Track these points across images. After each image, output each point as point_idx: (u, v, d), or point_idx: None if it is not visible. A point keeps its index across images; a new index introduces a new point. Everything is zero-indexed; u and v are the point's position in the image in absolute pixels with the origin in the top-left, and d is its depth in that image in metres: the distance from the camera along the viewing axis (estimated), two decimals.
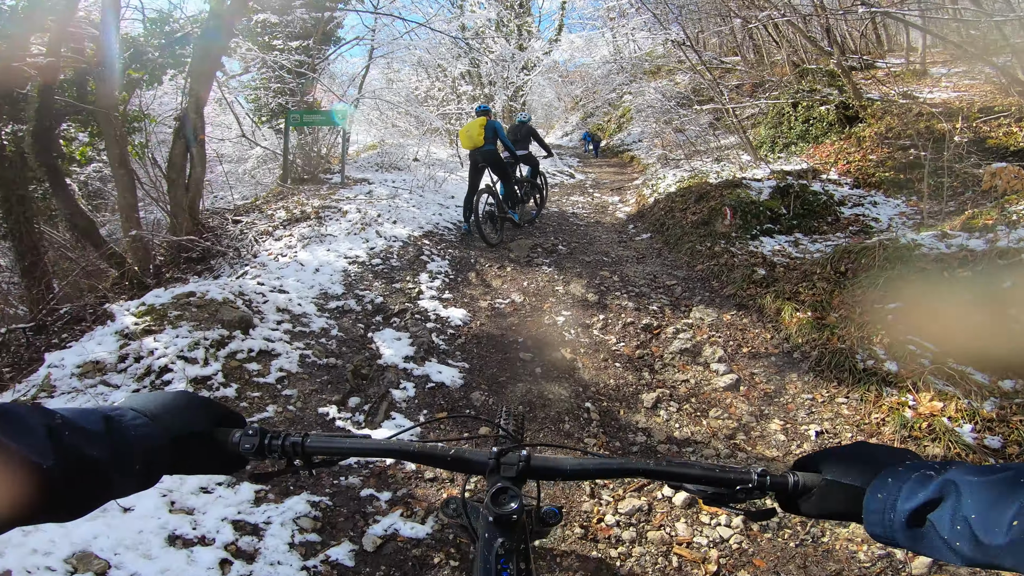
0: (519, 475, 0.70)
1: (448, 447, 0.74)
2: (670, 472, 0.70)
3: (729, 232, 5.85)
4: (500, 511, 0.66)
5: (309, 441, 0.72)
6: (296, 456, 0.72)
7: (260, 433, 0.69)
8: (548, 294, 4.74)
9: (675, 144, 11.50)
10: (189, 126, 5.82)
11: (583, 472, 0.72)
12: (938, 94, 8.14)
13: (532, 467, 0.71)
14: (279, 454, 0.71)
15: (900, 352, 3.38)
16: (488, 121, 6.10)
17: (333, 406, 2.94)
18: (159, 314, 3.11)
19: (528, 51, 14.07)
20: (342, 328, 3.74)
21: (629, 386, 3.38)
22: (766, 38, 11.57)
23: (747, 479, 0.67)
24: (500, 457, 0.71)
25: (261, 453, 0.70)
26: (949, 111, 7.02)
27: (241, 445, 0.68)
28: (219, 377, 2.87)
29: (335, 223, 5.76)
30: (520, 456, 0.71)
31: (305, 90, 9.79)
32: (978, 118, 6.91)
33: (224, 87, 9.70)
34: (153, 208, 7.06)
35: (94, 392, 2.69)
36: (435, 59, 12.11)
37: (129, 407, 0.62)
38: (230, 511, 2.18)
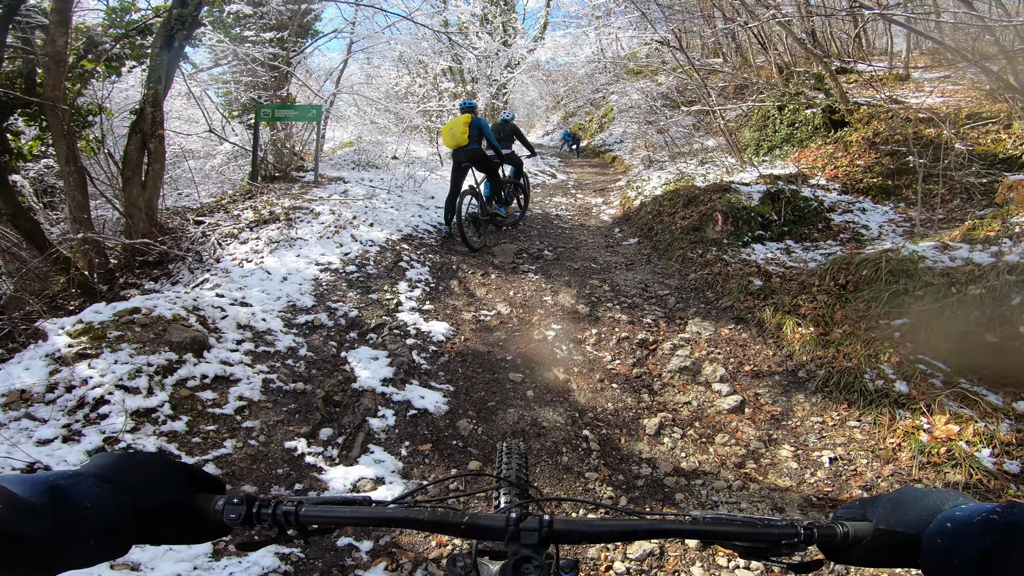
0: (541, 542, 0.65)
1: (461, 513, 0.68)
2: (709, 532, 0.65)
3: (720, 238, 5.66)
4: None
5: (304, 510, 0.65)
6: (289, 526, 0.65)
7: (247, 501, 0.63)
8: (536, 305, 4.45)
9: (658, 145, 11.37)
10: (147, 119, 5.41)
11: (611, 535, 0.68)
12: (924, 99, 8.11)
13: (555, 531, 0.66)
14: (269, 523, 0.64)
15: (910, 372, 3.21)
16: (473, 119, 5.78)
17: (302, 439, 2.60)
18: (97, 334, 2.71)
19: (513, 48, 13.78)
20: (312, 347, 3.38)
21: (629, 410, 3.12)
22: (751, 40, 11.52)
23: (792, 533, 0.63)
24: (519, 523, 0.66)
25: (249, 523, 0.63)
26: (936, 116, 6.96)
27: (225, 515, 0.62)
28: (166, 409, 2.50)
29: (307, 225, 5.35)
30: (543, 522, 0.65)
31: (279, 84, 9.31)
32: (965, 124, 6.88)
33: (192, 80, 9.19)
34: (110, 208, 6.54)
35: (17, 427, 2.30)
36: (416, 55, 11.74)
37: (89, 473, 0.55)
38: (183, 567, 1.86)
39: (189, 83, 8.98)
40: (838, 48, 11.54)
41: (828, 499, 2.48)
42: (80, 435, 2.26)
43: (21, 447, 2.11)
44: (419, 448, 2.68)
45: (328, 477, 2.37)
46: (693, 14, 12.15)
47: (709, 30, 11.31)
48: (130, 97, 9.46)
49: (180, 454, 2.32)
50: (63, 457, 2.14)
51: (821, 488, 2.60)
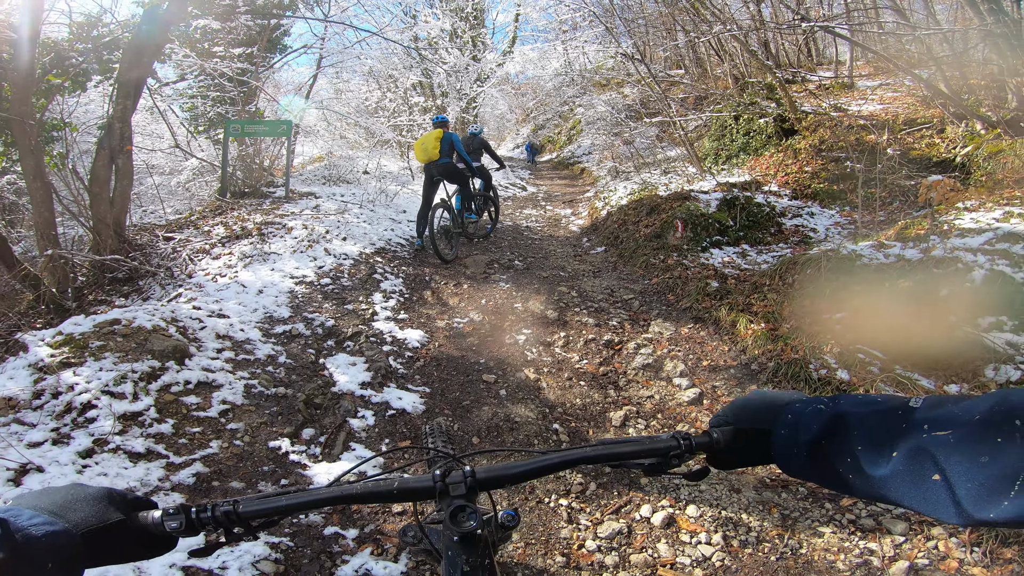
0: (469, 491, 0.70)
1: (392, 480, 0.72)
2: (609, 454, 0.72)
3: (681, 244, 5.96)
4: (461, 529, 0.66)
5: (242, 508, 0.67)
6: (233, 524, 0.67)
7: (183, 510, 0.64)
8: (507, 311, 4.64)
9: (624, 156, 11.75)
10: (115, 135, 5.40)
11: (528, 473, 0.73)
12: (866, 106, 8.60)
13: (479, 480, 0.71)
14: (212, 526, 0.66)
15: (850, 360, 3.49)
16: (445, 133, 5.94)
17: (285, 439, 2.71)
18: (79, 345, 2.78)
19: (482, 63, 14.05)
20: (291, 355, 3.49)
21: (596, 404, 3.32)
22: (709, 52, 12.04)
23: (676, 444, 0.71)
24: (445, 478, 0.71)
25: (192, 529, 0.65)
26: (876, 123, 7.44)
27: (167, 524, 0.63)
28: (152, 412, 2.59)
29: (279, 240, 5.43)
30: (465, 473, 0.71)
31: (247, 99, 9.30)
32: (903, 130, 7.33)
33: (157, 95, 9.10)
34: (75, 224, 6.44)
35: (7, 432, 2.36)
36: (387, 69, 11.85)
37: (24, 507, 0.55)
38: (179, 557, 1.95)
39: (154, 98, 8.91)
40: (788, 59, 12.14)
41: (780, 480, 2.71)
42: (69, 437, 2.34)
43: (13, 449, 2.18)
44: (399, 444, 2.83)
45: (312, 473, 2.50)
46: (655, 27, 12.62)
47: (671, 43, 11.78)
48: (90, 112, 9.28)
49: (168, 454, 2.41)
50: (55, 458, 2.22)
51: (774, 470, 2.83)
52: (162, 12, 5.56)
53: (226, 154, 7.64)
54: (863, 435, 0.55)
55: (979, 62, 7.02)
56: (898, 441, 0.52)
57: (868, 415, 0.56)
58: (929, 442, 0.50)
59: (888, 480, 0.52)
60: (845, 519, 2.32)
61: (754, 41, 9.47)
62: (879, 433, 0.54)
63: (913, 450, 0.51)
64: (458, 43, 13.77)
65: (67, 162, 6.37)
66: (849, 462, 0.55)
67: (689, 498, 2.49)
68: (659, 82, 9.99)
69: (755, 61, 9.47)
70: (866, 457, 0.54)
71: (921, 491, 0.50)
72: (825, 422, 0.59)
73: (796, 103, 8.52)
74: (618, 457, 0.72)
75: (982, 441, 0.47)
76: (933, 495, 0.49)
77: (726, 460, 0.72)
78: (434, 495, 0.71)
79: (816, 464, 0.59)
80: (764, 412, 0.67)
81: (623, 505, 2.47)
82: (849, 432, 0.57)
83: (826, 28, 7.43)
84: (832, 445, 0.58)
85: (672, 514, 2.40)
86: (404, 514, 2.37)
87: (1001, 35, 4.37)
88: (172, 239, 5.67)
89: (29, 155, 4.91)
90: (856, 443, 0.55)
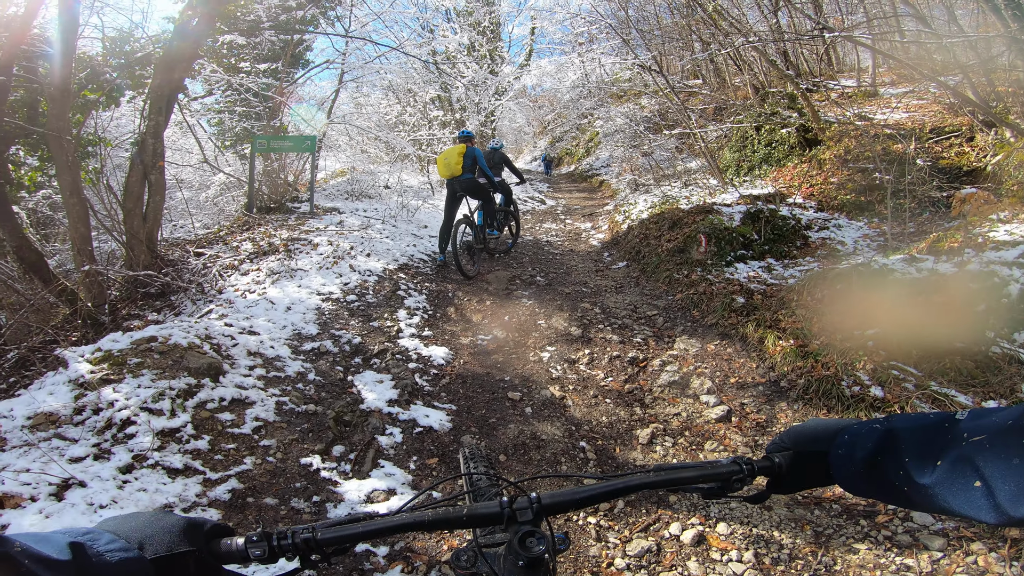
0: (536, 516, 0.72)
1: (460, 508, 0.74)
2: (671, 480, 0.74)
3: (705, 259, 5.90)
4: (531, 555, 0.67)
5: (320, 534, 0.68)
6: (311, 551, 0.68)
7: (265, 537, 0.65)
8: (531, 328, 4.64)
9: (643, 168, 11.71)
10: (148, 151, 5.50)
11: (593, 498, 0.75)
12: (891, 115, 8.43)
13: (545, 505, 0.73)
14: (292, 553, 0.67)
15: (884, 377, 3.41)
16: (468, 148, 5.95)
17: (316, 456, 2.75)
18: (117, 361, 2.86)
19: (500, 76, 14.19)
20: (320, 372, 3.54)
21: (622, 422, 3.29)
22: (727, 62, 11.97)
23: (739, 469, 0.73)
24: (512, 504, 0.73)
25: (272, 557, 0.66)
26: (903, 132, 7.29)
27: (250, 552, 0.64)
28: (189, 429, 2.65)
29: (306, 256, 5.52)
30: (531, 499, 0.73)
31: (272, 114, 9.53)
32: (930, 138, 7.17)
33: (186, 110, 9.35)
34: (108, 239, 6.64)
35: (48, 446, 2.43)
36: (406, 84, 12.04)
37: (105, 530, 0.57)
38: None
39: (184, 113, 9.16)
40: (809, 67, 12.00)
41: (812, 498, 2.65)
42: (110, 453, 2.40)
43: (55, 464, 2.24)
44: (427, 462, 2.84)
45: (343, 490, 2.52)
46: (672, 38, 12.60)
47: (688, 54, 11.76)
48: (123, 127, 9.53)
49: (205, 470, 2.46)
50: (96, 473, 2.28)
51: None
52: (192, 28, 5.64)
53: (252, 169, 7.82)
54: (912, 448, 0.58)
55: (1005, 68, 6.87)
56: (942, 451, 0.55)
57: (917, 429, 0.59)
58: (968, 449, 0.53)
59: (936, 488, 0.54)
60: (881, 535, 2.26)
61: (773, 50, 9.40)
62: (926, 444, 0.57)
63: (955, 458, 0.54)
64: (476, 57, 13.94)
65: (102, 177, 6.52)
66: (901, 475, 0.58)
67: (719, 516, 2.45)
68: (677, 93, 9.97)
69: (775, 70, 9.40)
70: (915, 468, 0.57)
71: (966, 497, 0.52)
72: (878, 438, 0.62)
73: (818, 112, 8.41)
74: (680, 483, 0.74)
75: (1014, 444, 0.49)
76: (977, 500, 0.51)
77: (787, 484, 0.74)
78: (502, 520, 0.73)
79: (872, 479, 0.62)
80: (822, 435, 0.71)
81: (652, 523, 2.44)
82: (900, 446, 0.60)
83: (848, 38, 7.35)
84: (886, 460, 0.61)
85: (702, 532, 2.36)
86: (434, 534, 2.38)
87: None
88: (202, 254, 5.81)
89: (66, 171, 4.96)
90: (905, 455, 0.58)
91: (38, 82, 5.19)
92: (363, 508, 2.45)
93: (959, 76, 6.62)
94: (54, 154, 5.04)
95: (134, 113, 8.64)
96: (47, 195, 8.10)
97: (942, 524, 2.26)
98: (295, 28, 9.34)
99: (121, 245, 5.92)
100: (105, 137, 6.98)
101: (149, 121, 5.58)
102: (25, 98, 5.60)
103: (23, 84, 5.34)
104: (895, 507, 2.43)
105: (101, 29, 6.93)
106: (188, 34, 5.62)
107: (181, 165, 10.20)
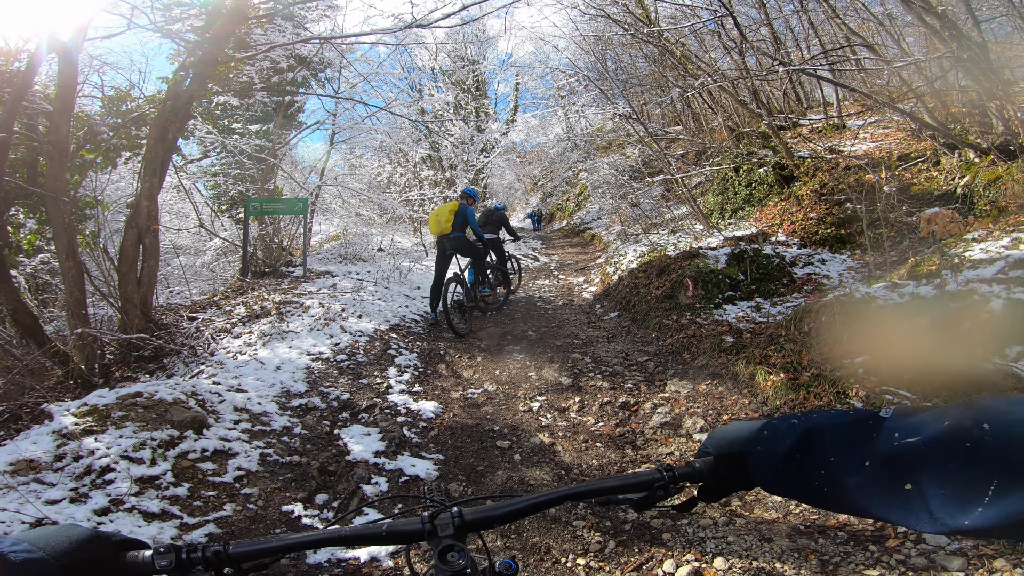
0: (457, 531, 0.71)
1: (381, 524, 0.73)
2: (594, 489, 0.74)
3: (693, 303, 5.95)
4: (449, 569, 0.66)
5: (232, 548, 0.67)
6: (223, 565, 0.67)
7: (173, 549, 0.64)
8: (521, 380, 4.63)
9: (632, 218, 11.95)
10: (142, 214, 5.49)
11: (516, 512, 0.73)
12: (859, 146, 8.57)
13: (467, 520, 0.72)
14: (202, 567, 0.65)
15: (878, 403, 3.39)
16: (460, 206, 6.02)
17: (299, 504, 2.71)
18: (102, 415, 2.87)
19: (486, 132, 14.74)
20: (306, 426, 3.51)
21: (613, 464, 3.24)
22: (703, 105, 12.45)
23: (660, 476, 0.73)
24: (434, 519, 0.72)
25: (182, 569, 0.64)
26: (872, 162, 7.44)
27: (155, 563, 0.62)
28: (168, 476, 2.64)
29: (297, 319, 5.57)
30: (452, 513, 0.72)
31: (266, 177, 9.80)
32: (899, 166, 7.27)
33: (182, 172, 9.56)
34: (103, 303, 6.65)
35: (26, 489, 2.43)
36: (396, 143, 12.47)
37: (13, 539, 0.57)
38: None
39: (179, 175, 9.37)
40: (778, 105, 12.46)
41: (815, 526, 2.58)
42: (87, 497, 2.41)
43: (31, 505, 2.25)
44: (413, 509, 2.76)
45: None
46: (648, 86, 13.17)
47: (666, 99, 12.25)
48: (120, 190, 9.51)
49: (182, 515, 2.44)
50: (71, 515, 2.30)
51: (808, 517, 2.69)
52: (184, 88, 5.76)
53: (247, 234, 7.95)
54: (836, 445, 0.55)
55: (959, 90, 7.06)
56: (870, 450, 0.52)
57: (840, 426, 0.57)
58: (900, 450, 0.50)
59: (861, 490, 0.52)
60: (893, 560, 2.18)
61: (743, 90, 9.80)
62: (851, 442, 0.54)
63: (884, 458, 0.51)
64: (463, 114, 14.52)
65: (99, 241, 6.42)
66: (823, 474, 0.55)
67: (716, 551, 2.38)
68: (657, 140, 10.34)
69: (745, 110, 9.78)
70: (840, 467, 0.54)
71: (894, 501, 0.49)
72: (799, 435, 0.59)
73: (791, 149, 8.65)
74: (603, 492, 0.74)
75: (951, 447, 0.46)
76: (906, 504, 0.48)
77: (712, 490, 0.73)
78: (423, 536, 0.72)
79: (792, 478, 0.60)
80: (742, 435, 0.69)
81: (644, 562, 2.36)
82: (822, 442, 0.57)
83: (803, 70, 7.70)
84: (806, 457, 0.58)
85: (698, 568, 2.28)
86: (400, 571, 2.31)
87: (970, 59, 4.49)
88: (196, 319, 5.85)
89: (63, 233, 4.93)
90: (829, 453, 0.55)
91: (38, 140, 5.16)
92: (344, 554, 2.38)
93: (914, 102, 6.86)
94: (51, 215, 5.00)
95: (131, 175, 8.77)
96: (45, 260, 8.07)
97: (959, 544, 2.18)
98: (286, 89, 9.73)
99: (116, 310, 5.95)
100: (102, 199, 6.91)
101: (144, 183, 5.60)
102: (25, 157, 5.50)
103: (23, 142, 5.29)
104: (905, 530, 2.35)
105: (101, 88, 6.98)
106: (181, 94, 5.71)
107: (178, 230, 10.37)
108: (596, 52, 11.85)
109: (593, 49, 11.83)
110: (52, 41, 4.60)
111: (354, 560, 2.35)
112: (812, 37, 11.21)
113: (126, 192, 9.17)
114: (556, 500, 0.75)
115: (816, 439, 0.58)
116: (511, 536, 2.56)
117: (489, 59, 16.39)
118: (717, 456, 0.71)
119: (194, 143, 9.69)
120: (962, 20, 5.85)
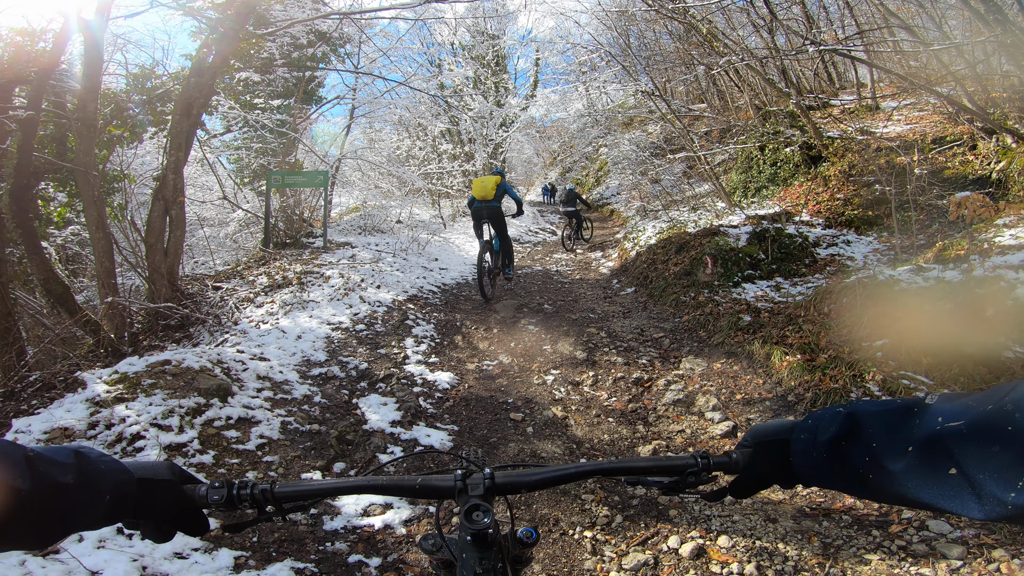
0: (486, 492, 0.73)
1: (415, 477, 0.76)
2: (625, 467, 0.75)
3: (711, 281, 5.90)
4: (474, 527, 0.68)
5: (278, 487, 0.72)
6: (267, 503, 0.72)
7: (227, 484, 0.70)
8: (536, 353, 4.68)
9: (652, 195, 11.82)
10: (168, 187, 5.66)
11: (545, 481, 0.75)
12: (892, 128, 8.30)
13: (497, 484, 0.74)
14: (249, 503, 0.71)
15: (895, 388, 3.36)
16: (502, 182, 6.40)
17: (317, 472, 2.81)
18: (132, 382, 2.98)
19: (505, 108, 14.57)
20: (326, 395, 3.62)
21: (624, 440, 3.29)
22: (729, 84, 12.10)
23: (693, 463, 0.72)
24: (466, 479, 0.74)
25: (231, 504, 0.70)
26: (905, 144, 7.23)
27: (209, 496, 0.69)
28: (195, 444, 2.75)
29: (318, 289, 5.68)
30: (485, 475, 0.74)
31: (287, 150, 9.89)
32: (933, 149, 7.08)
33: (206, 147, 9.72)
34: (131, 273, 6.87)
35: None
36: (415, 118, 12.43)
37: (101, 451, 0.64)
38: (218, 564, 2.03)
39: (203, 150, 9.53)
40: (809, 85, 12.05)
41: (820, 509, 2.60)
42: None
43: None
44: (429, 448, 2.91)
45: (340, 503, 2.56)
46: (673, 63, 12.82)
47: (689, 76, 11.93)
48: (146, 164, 9.81)
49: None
50: None
51: (813, 500, 2.72)
52: (208, 65, 5.86)
53: (268, 205, 8.08)
54: (880, 430, 0.55)
55: (1000, 74, 6.84)
56: (913, 434, 0.52)
57: (885, 412, 0.57)
58: (943, 433, 0.49)
59: (906, 475, 0.51)
60: (895, 545, 2.20)
61: (772, 69, 9.51)
62: (895, 427, 0.54)
63: (928, 442, 0.50)
64: (482, 89, 14.35)
65: (126, 213, 6.72)
66: (868, 460, 0.55)
67: (721, 529, 2.42)
68: (680, 117, 10.10)
69: (773, 89, 9.49)
70: (884, 452, 0.54)
71: (939, 486, 0.49)
72: (842, 421, 0.59)
73: (820, 129, 8.42)
74: (634, 471, 0.75)
75: (994, 430, 0.46)
76: (952, 490, 0.48)
77: (747, 484, 0.72)
78: (453, 494, 0.74)
79: (836, 465, 0.59)
80: (786, 425, 0.68)
81: (650, 536, 2.41)
82: (866, 428, 0.57)
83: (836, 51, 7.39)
84: (850, 443, 0.58)
85: (702, 545, 2.33)
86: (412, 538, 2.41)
87: (1013, 44, 4.28)
88: (220, 288, 6.00)
89: (92, 206, 5.11)
90: (873, 439, 0.55)
91: (66, 117, 5.30)
92: (360, 521, 2.49)
93: (953, 85, 6.61)
94: (80, 189, 5.17)
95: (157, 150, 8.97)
96: (75, 231, 8.35)
97: (960, 532, 2.19)
98: (306, 65, 9.75)
99: (144, 280, 6.14)
100: (129, 173, 7.12)
101: (170, 157, 5.76)
102: (54, 133, 5.71)
103: (52, 119, 5.46)
104: (910, 516, 2.36)
105: (125, 66, 7.18)
106: (204, 71, 5.82)
107: (202, 202, 10.57)
108: (619, 28, 11.56)
109: (616, 25, 11.53)
110: (77, 21, 4.65)
111: (368, 527, 2.44)
112: (847, 17, 10.73)
113: (152, 166, 9.38)
114: (587, 474, 0.76)
115: (860, 425, 0.58)
116: (521, 507, 2.63)
117: (509, 34, 16.13)
118: (757, 445, 0.69)
119: (217, 118, 9.81)
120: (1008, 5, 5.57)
